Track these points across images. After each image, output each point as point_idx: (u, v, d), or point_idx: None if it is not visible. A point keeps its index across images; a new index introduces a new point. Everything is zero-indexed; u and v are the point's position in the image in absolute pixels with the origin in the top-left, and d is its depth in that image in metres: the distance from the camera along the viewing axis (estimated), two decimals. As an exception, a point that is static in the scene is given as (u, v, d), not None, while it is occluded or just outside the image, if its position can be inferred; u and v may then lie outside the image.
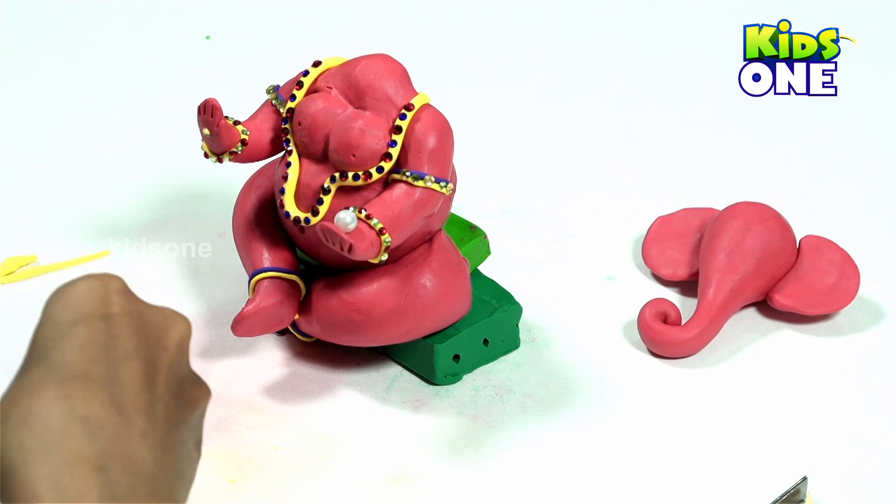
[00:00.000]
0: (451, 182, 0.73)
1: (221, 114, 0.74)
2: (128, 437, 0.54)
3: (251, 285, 0.75)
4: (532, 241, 0.88)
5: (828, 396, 0.76)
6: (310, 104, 0.73)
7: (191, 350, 0.78)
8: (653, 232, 0.86)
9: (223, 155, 0.75)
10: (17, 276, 0.84)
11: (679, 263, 0.84)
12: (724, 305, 0.79)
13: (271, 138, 0.76)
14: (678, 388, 0.77)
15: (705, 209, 0.87)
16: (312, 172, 0.73)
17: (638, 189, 0.92)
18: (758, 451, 0.73)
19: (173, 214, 0.90)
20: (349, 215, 0.70)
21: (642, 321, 0.79)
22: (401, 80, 0.73)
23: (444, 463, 0.72)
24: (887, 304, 0.82)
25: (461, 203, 0.87)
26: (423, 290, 0.73)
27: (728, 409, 0.76)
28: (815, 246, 0.83)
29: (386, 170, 0.72)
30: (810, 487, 0.70)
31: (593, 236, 0.88)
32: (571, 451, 0.73)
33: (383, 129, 0.72)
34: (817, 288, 0.81)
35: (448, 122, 0.73)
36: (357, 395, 0.76)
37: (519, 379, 0.77)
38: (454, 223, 0.81)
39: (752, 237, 0.81)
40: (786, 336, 0.80)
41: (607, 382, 0.77)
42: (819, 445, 0.73)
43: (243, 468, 0.72)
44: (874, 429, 0.74)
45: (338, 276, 0.74)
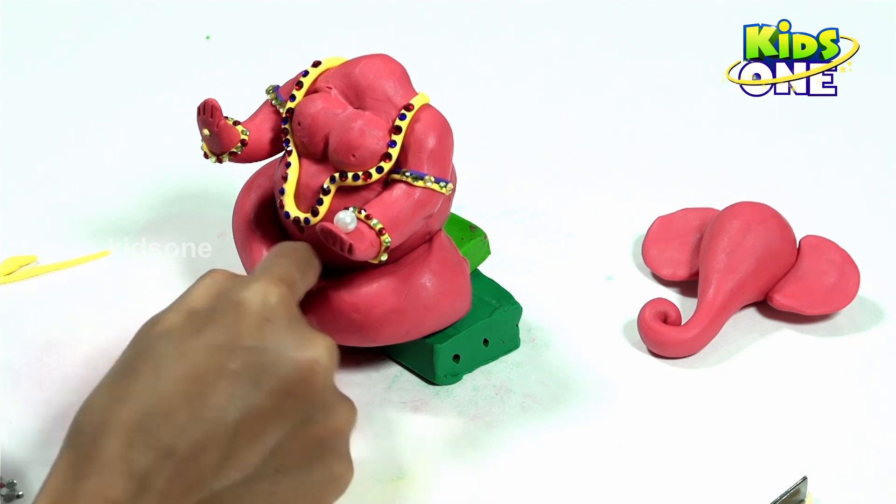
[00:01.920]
0: (450, 182, 0.73)
1: (221, 114, 0.74)
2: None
3: None
4: (532, 241, 0.88)
5: (828, 396, 0.76)
6: (309, 104, 0.73)
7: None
8: (653, 232, 0.86)
9: (223, 155, 0.75)
10: (17, 276, 0.84)
11: (679, 263, 0.84)
12: (724, 305, 0.79)
13: (271, 138, 0.76)
14: (678, 388, 0.77)
15: (705, 209, 0.87)
16: (312, 173, 0.73)
17: (638, 189, 0.92)
18: (758, 451, 0.73)
19: (173, 214, 0.90)
20: (349, 215, 0.70)
21: (642, 321, 0.79)
22: (400, 80, 0.73)
23: (444, 463, 0.72)
24: (887, 304, 0.82)
25: (461, 203, 0.87)
26: (423, 290, 0.73)
27: (728, 409, 0.76)
28: (815, 246, 0.83)
29: (385, 170, 0.72)
30: (810, 487, 0.70)
31: (593, 236, 0.88)
32: (571, 451, 0.73)
33: (383, 129, 0.72)
34: (817, 288, 0.81)
35: (448, 122, 0.73)
36: (357, 395, 0.76)
37: (519, 379, 0.77)
38: (454, 223, 0.81)
39: (752, 237, 0.81)
40: (786, 336, 0.80)
41: (607, 382, 0.77)
42: (819, 445, 0.73)
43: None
44: (874, 429, 0.74)
45: (338, 276, 0.74)
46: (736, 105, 0.98)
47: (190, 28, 1.09)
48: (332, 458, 0.60)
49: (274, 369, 0.58)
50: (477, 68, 1.05)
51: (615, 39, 1.08)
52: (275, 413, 0.57)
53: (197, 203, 0.91)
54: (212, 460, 0.56)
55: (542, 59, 1.06)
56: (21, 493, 0.70)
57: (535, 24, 1.10)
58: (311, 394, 0.59)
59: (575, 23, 1.10)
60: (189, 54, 1.07)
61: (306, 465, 0.59)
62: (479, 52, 1.07)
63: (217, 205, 0.89)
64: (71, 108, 1.01)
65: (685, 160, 0.95)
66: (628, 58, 1.06)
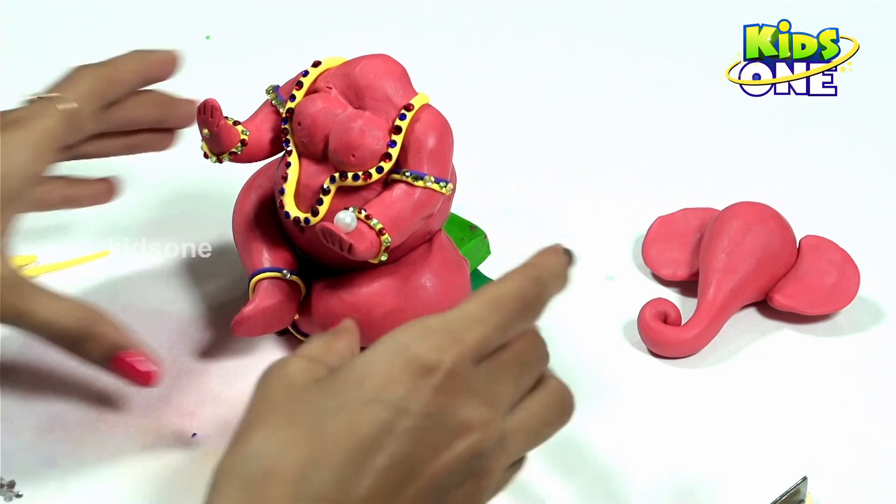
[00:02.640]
0: (450, 182, 0.73)
1: (221, 114, 0.74)
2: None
3: (251, 285, 0.75)
4: (532, 241, 0.88)
5: (828, 396, 0.76)
6: (309, 104, 0.73)
7: (191, 350, 0.79)
8: (653, 232, 0.86)
9: (223, 155, 0.75)
10: (17, 276, 0.84)
11: (679, 263, 0.84)
12: (724, 305, 0.79)
13: (271, 138, 0.76)
14: (678, 388, 0.77)
15: (705, 209, 0.87)
16: (312, 173, 0.73)
17: (638, 189, 0.92)
18: (758, 451, 0.73)
19: (173, 214, 0.90)
20: (349, 215, 0.70)
21: (642, 321, 0.79)
22: (400, 80, 0.73)
23: (444, 463, 0.72)
24: (887, 304, 0.82)
25: (461, 203, 0.87)
26: (423, 290, 0.73)
27: (728, 409, 0.76)
28: (815, 246, 0.83)
29: (385, 170, 0.72)
30: (810, 487, 0.70)
31: (593, 236, 0.88)
32: (571, 451, 0.73)
33: (383, 129, 0.72)
34: (817, 288, 0.81)
35: (448, 122, 0.73)
36: (357, 395, 0.76)
37: (519, 379, 0.77)
38: (454, 223, 0.81)
39: (752, 237, 0.81)
40: (786, 336, 0.80)
41: (607, 382, 0.77)
42: (819, 445, 0.73)
43: (243, 468, 0.71)
44: (874, 429, 0.74)
45: (338, 276, 0.74)
46: (736, 105, 0.98)
47: (190, 28, 1.09)
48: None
49: (438, 440, 0.54)
50: (477, 68, 1.05)
51: (615, 39, 1.08)
52: (439, 477, 0.54)
53: (197, 203, 0.91)
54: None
55: (542, 59, 1.06)
56: (21, 493, 0.70)
57: (535, 24, 1.10)
58: (477, 460, 0.55)
59: (575, 23, 1.10)
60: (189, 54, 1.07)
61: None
62: (479, 52, 1.07)
63: (217, 205, 0.89)
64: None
65: (685, 160, 0.95)
66: (628, 58, 1.06)
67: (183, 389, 0.76)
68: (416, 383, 0.53)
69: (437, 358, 0.54)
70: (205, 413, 0.74)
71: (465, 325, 0.55)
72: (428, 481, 0.54)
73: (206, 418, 0.74)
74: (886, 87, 1.02)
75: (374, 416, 0.53)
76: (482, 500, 0.56)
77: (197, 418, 0.74)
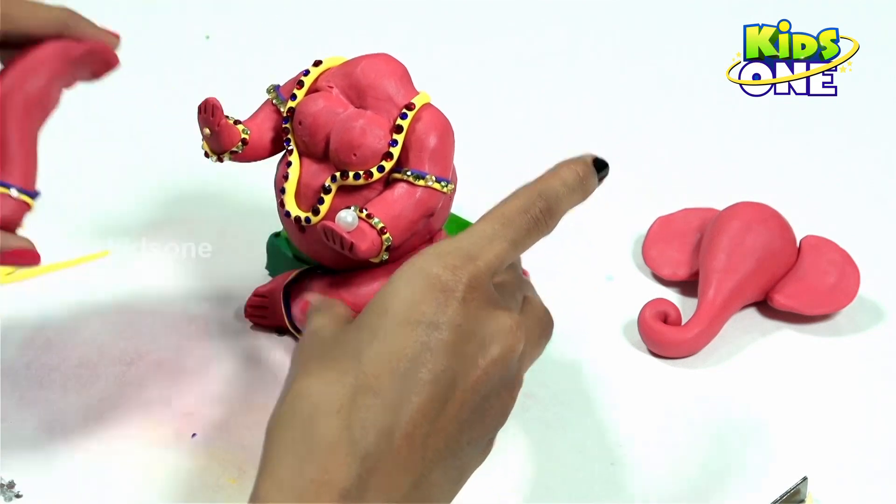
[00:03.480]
0: (451, 182, 0.73)
1: (222, 113, 0.74)
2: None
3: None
4: (532, 240, 0.88)
5: (828, 396, 0.76)
6: (311, 103, 0.73)
7: (190, 351, 0.79)
8: (653, 232, 0.86)
9: (223, 154, 0.75)
10: (17, 276, 0.84)
11: (679, 263, 0.84)
12: (724, 305, 0.79)
13: (272, 138, 0.76)
14: (678, 388, 0.77)
15: (705, 209, 0.87)
16: (313, 172, 0.73)
17: (638, 189, 0.92)
18: (758, 451, 0.73)
19: (173, 214, 0.90)
20: (350, 214, 0.70)
21: (642, 321, 0.79)
22: (402, 79, 0.73)
23: (445, 463, 0.72)
24: (887, 304, 0.82)
25: (461, 203, 0.87)
26: (424, 290, 0.73)
27: (728, 409, 0.76)
28: (815, 246, 0.83)
29: (387, 169, 0.72)
30: (810, 487, 0.70)
31: (593, 236, 0.88)
32: (571, 451, 0.73)
33: (384, 128, 0.72)
34: (817, 288, 0.81)
35: (449, 121, 0.73)
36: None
37: (519, 379, 0.77)
38: (454, 223, 0.81)
39: (752, 237, 0.81)
40: (786, 336, 0.80)
41: (607, 382, 0.77)
42: (819, 445, 0.73)
43: (243, 468, 0.72)
44: (874, 429, 0.74)
45: (338, 275, 0.74)
46: (736, 105, 0.98)
47: (190, 28, 1.09)
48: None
49: (473, 348, 0.56)
50: (478, 68, 1.05)
51: (615, 39, 1.08)
52: (479, 385, 0.56)
53: (197, 203, 0.91)
54: (423, 435, 0.55)
55: (543, 59, 1.06)
56: (21, 493, 0.70)
57: (536, 25, 1.10)
58: (509, 367, 0.57)
59: (575, 23, 1.10)
60: (189, 54, 1.07)
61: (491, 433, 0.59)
62: (480, 52, 1.07)
63: (217, 205, 0.89)
64: (70, 107, 1.01)
65: (685, 160, 0.95)
66: (628, 58, 1.06)
67: (183, 389, 0.76)
68: (441, 300, 0.56)
69: (454, 276, 0.57)
70: (205, 413, 0.74)
71: (476, 244, 0.58)
72: (469, 393, 0.56)
73: (206, 418, 0.74)
74: (886, 87, 1.02)
75: (409, 336, 0.55)
76: (509, 411, 0.58)
77: (197, 418, 0.74)
